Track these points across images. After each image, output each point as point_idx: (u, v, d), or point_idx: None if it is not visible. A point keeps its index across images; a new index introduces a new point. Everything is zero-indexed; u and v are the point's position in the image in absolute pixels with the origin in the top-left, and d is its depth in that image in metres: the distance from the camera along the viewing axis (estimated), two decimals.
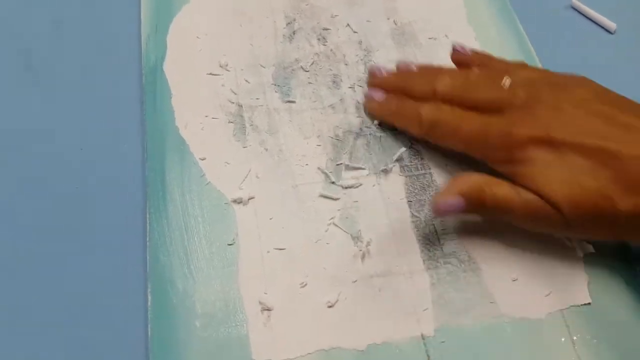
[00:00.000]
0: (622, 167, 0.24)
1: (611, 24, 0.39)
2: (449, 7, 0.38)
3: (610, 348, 0.26)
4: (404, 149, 0.32)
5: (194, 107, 0.33)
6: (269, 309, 0.26)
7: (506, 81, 0.28)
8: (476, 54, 0.32)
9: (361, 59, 0.35)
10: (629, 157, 0.24)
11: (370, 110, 0.32)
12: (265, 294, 0.27)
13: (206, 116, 0.32)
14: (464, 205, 0.26)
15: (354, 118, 0.33)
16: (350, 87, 0.34)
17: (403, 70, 0.33)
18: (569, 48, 0.38)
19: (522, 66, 0.31)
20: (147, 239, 0.28)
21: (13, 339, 0.26)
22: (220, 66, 0.35)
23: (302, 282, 0.27)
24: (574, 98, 0.27)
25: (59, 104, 0.34)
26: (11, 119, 0.33)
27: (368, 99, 0.33)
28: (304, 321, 0.26)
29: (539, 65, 0.36)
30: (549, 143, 0.25)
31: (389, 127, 0.32)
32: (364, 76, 0.35)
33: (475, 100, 0.28)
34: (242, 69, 0.35)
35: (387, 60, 0.35)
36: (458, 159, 0.31)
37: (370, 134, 0.32)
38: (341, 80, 0.34)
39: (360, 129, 0.32)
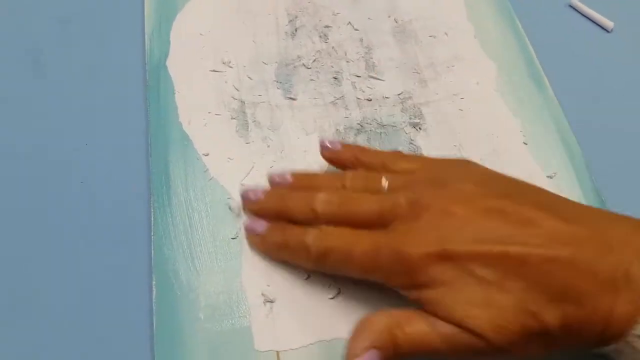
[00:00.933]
0: (534, 274, 0.21)
1: (609, 23, 0.39)
2: (449, 5, 0.39)
3: None
4: (403, 145, 0.32)
5: (197, 104, 0.33)
6: (271, 301, 0.27)
7: (383, 184, 0.25)
8: (346, 147, 0.29)
9: (362, 56, 0.36)
10: (538, 261, 0.21)
11: (254, 246, 0.28)
12: (268, 286, 0.27)
13: (209, 112, 0.33)
14: (381, 358, 0.22)
15: (355, 114, 0.33)
16: (351, 84, 0.35)
17: (277, 186, 0.29)
18: (567, 46, 0.38)
19: (398, 157, 0.28)
20: (152, 233, 0.29)
21: (18, 331, 0.27)
22: (223, 63, 0.35)
23: (304, 275, 0.28)
24: (460, 197, 0.23)
25: (64, 100, 0.34)
26: (17, 114, 0.34)
27: (248, 232, 0.28)
28: (305, 313, 0.27)
29: (537, 63, 0.36)
30: (447, 258, 0.22)
31: (388, 123, 0.33)
32: (365, 73, 0.35)
33: (357, 215, 0.25)
34: (244, 66, 0.35)
35: (388, 58, 0.36)
36: (457, 156, 0.32)
37: (370, 130, 0.33)
38: (342, 77, 0.35)
39: (361, 125, 0.33)
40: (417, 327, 0.22)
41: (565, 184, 0.31)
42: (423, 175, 0.26)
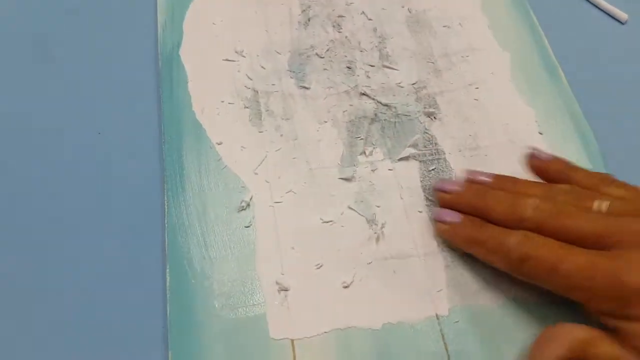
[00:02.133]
0: None
1: (623, 15, 0.39)
2: None
3: None
4: (418, 134, 0.32)
5: (210, 93, 0.33)
6: (285, 289, 0.27)
7: (601, 205, 0.24)
8: (556, 160, 0.28)
9: (376, 46, 0.36)
10: None
11: (442, 234, 0.28)
12: (282, 274, 0.27)
13: (222, 101, 0.33)
14: None
15: (369, 104, 0.33)
16: (365, 74, 0.34)
17: (477, 182, 0.28)
18: (581, 38, 0.38)
19: (610, 181, 0.26)
20: (166, 222, 0.29)
21: (31, 319, 0.27)
22: (236, 52, 0.35)
23: (318, 264, 0.28)
24: None
25: (76, 91, 0.34)
26: (29, 106, 0.34)
27: (438, 220, 0.28)
28: (320, 301, 0.27)
29: (551, 54, 0.36)
30: None
31: (402, 112, 0.33)
32: (378, 63, 0.35)
33: (571, 229, 0.24)
34: (257, 55, 0.35)
35: (402, 48, 0.36)
36: (473, 145, 0.32)
37: (384, 120, 0.33)
38: (356, 67, 0.35)
39: (375, 114, 0.33)
40: (609, 350, 0.22)
41: None
42: None
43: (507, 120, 0.33)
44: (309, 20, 0.37)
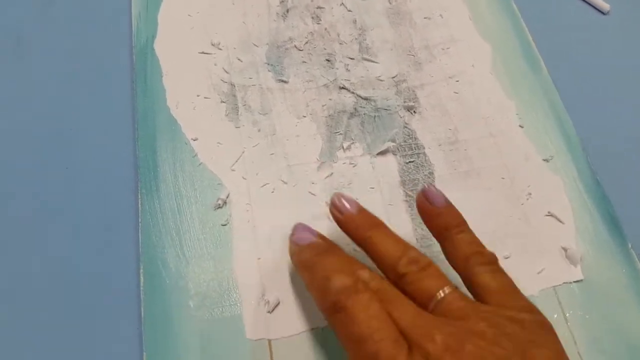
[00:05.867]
0: None
1: (605, 5, 0.39)
2: None
3: (602, 323, 0.26)
4: (397, 129, 0.31)
5: (186, 87, 0.32)
6: (263, 289, 0.26)
7: (440, 295, 0.21)
8: (447, 212, 0.24)
9: (355, 38, 0.35)
10: None
11: (290, 254, 0.25)
12: (260, 274, 0.27)
13: (198, 96, 0.32)
14: None
15: (348, 97, 0.33)
16: (344, 67, 0.34)
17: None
18: (563, 28, 0.38)
19: (485, 260, 0.23)
20: (139, 220, 0.28)
21: (3, 320, 0.26)
22: (212, 45, 0.34)
23: None
24: None
25: (49, 84, 0.33)
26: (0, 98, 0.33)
27: (294, 240, 0.25)
28: (298, 301, 0.26)
29: (533, 45, 0.35)
30: None
31: (382, 106, 0.32)
32: (358, 55, 0.34)
33: (393, 313, 0.20)
34: (234, 48, 0.34)
35: (382, 40, 0.35)
36: (452, 140, 0.31)
37: (364, 114, 0.32)
38: (335, 60, 0.34)
39: (355, 108, 0.32)
40: None
41: (562, 166, 0.31)
42: (491, 317, 0.21)
43: (487, 113, 0.32)
44: (287, 11, 0.36)
